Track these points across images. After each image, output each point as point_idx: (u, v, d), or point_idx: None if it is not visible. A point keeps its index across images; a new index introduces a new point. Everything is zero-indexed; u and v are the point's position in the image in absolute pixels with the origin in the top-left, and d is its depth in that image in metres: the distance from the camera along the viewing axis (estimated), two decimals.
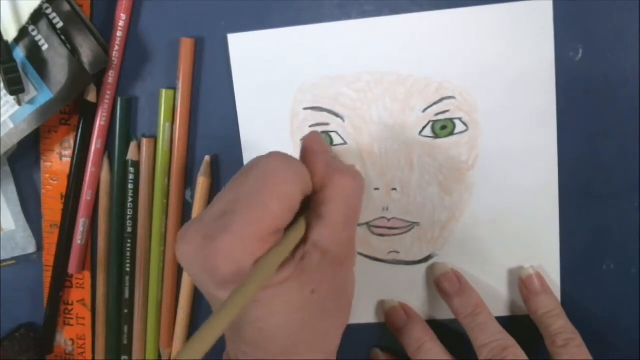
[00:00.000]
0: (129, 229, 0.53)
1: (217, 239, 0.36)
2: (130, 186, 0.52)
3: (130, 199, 0.52)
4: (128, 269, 0.53)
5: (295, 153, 0.48)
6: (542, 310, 0.48)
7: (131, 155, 0.52)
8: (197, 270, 0.37)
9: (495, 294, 0.50)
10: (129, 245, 0.53)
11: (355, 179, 0.39)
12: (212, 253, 0.36)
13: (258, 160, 0.39)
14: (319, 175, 0.39)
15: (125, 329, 0.54)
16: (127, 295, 0.53)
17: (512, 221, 0.49)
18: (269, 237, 0.36)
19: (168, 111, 0.51)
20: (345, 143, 0.49)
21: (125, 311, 0.54)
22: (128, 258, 0.53)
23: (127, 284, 0.53)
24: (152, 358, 0.53)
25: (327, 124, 0.49)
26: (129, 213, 0.52)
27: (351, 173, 0.39)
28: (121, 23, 0.50)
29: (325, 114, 0.49)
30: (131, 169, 0.52)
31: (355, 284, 0.51)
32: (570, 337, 0.46)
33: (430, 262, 0.51)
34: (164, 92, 0.51)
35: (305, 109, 0.49)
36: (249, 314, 0.37)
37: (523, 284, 0.49)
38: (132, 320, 0.54)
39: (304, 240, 0.38)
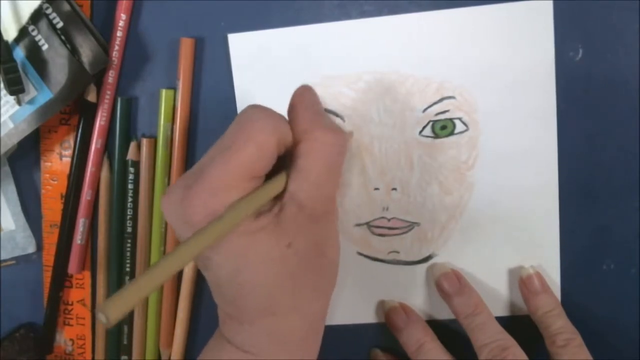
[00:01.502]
0: (129, 229, 0.53)
1: (192, 188, 0.36)
2: (130, 186, 0.52)
3: (130, 199, 0.52)
4: (128, 269, 0.53)
5: None
6: (542, 310, 0.48)
7: (131, 155, 0.52)
8: (175, 219, 0.38)
9: (495, 294, 0.50)
10: (129, 245, 0.53)
11: (336, 135, 0.39)
12: (187, 202, 0.36)
13: (239, 113, 0.40)
14: (300, 129, 0.39)
15: (125, 329, 0.54)
16: None
17: (512, 221, 0.49)
18: (243, 184, 0.37)
19: (168, 111, 0.51)
20: None
21: None
22: (128, 258, 0.53)
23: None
24: (152, 358, 0.53)
25: (329, 117, 0.49)
26: (129, 213, 0.52)
27: (333, 129, 0.39)
28: (121, 23, 0.50)
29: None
30: (131, 169, 0.52)
31: (356, 284, 0.51)
32: (570, 337, 0.46)
33: (430, 262, 0.51)
34: (164, 92, 0.51)
35: None
36: (225, 265, 0.38)
37: (523, 283, 0.49)
38: (132, 320, 0.54)
39: (283, 193, 0.39)
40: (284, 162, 0.40)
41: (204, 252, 0.37)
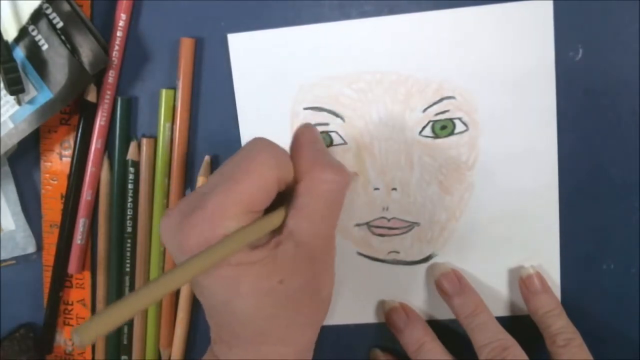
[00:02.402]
0: (129, 229, 0.53)
1: (190, 215, 0.36)
2: (130, 186, 0.52)
3: (130, 199, 0.52)
4: (128, 269, 0.53)
5: None
6: (542, 310, 0.48)
7: (131, 155, 0.52)
8: (170, 244, 0.38)
9: (495, 294, 0.50)
10: (129, 245, 0.53)
11: (337, 174, 0.39)
12: (184, 229, 0.36)
13: (244, 145, 0.40)
14: (302, 167, 0.39)
15: (125, 329, 0.54)
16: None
17: (512, 221, 0.49)
18: (241, 217, 0.37)
19: (168, 111, 0.51)
20: (345, 143, 0.49)
21: None
22: (128, 258, 0.53)
23: (127, 284, 0.53)
24: (152, 358, 0.53)
25: (327, 124, 0.49)
26: (129, 213, 0.52)
27: (334, 168, 0.39)
28: (121, 23, 0.50)
29: (325, 114, 0.49)
30: (131, 169, 0.52)
31: (356, 284, 0.51)
32: (570, 337, 0.46)
33: (430, 262, 0.51)
34: (164, 92, 0.51)
35: (306, 108, 0.49)
36: (218, 292, 0.38)
37: (523, 283, 0.49)
38: (132, 321, 0.54)
39: (281, 229, 0.39)
40: (284, 199, 0.40)
41: (196, 278, 0.37)
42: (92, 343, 0.28)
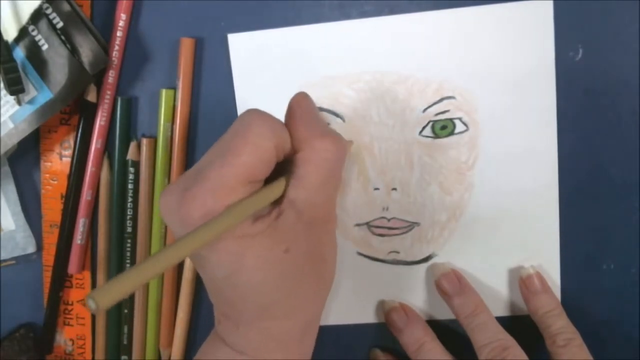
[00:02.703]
0: (129, 229, 0.53)
1: (191, 189, 0.37)
2: (130, 186, 0.52)
3: (130, 199, 0.52)
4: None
5: None
6: (542, 310, 0.48)
7: (131, 155, 0.52)
8: (172, 219, 0.38)
9: (495, 294, 0.50)
10: (129, 245, 0.53)
11: (335, 143, 0.39)
12: (186, 202, 0.36)
13: (238, 117, 0.40)
14: (299, 137, 0.40)
15: (125, 329, 0.54)
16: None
17: (512, 221, 0.49)
18: (241, 187, 0.37)
19: (168, 111, 0.51)
20: None
21: (125, 311, 0.54)
22: (128, 258, 0.53)
23: None
24: (152, 358, 0.53)
25: (327, 124, 0.49)
26: (129, 213, 0.52)
27: (333, 137, 0.40)
28: (121, 23, 0.50)
29: (325, 113, 0.49)
30: (131, 169, 0.52)
31: (356, 284, 0.51)
32: (570, 337, 0.46)
33: (430, 262, 0.51)
34: (164, 92, 0.51)
35: None
36: (222, 266, 0.38)
37: (523, 283, 0.49)
38: (132, 320, 0.54)
39: (282, 199, 0.39)
40: (283, 169, 0.40)
41: (200, 250, 0.37)
42: (107, 308, 0.28)
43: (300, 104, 0.42)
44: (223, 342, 0.41)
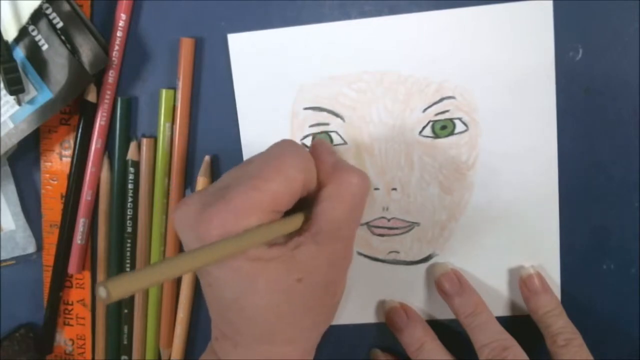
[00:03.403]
0: (129, 229, 0.53)
1: (213, 206, 0.36)
2: (130, 186, 0.52)
3: (130, 199, 0.52)
4: (128, 269, 0.53)
5: None
6: (542, 309, 0.48)
7: (131, 155, 0.52)
8: (189, 235, 0.38)
9: (495, 293, 0.50)
10: (129, 245, 0.53)
11: (361, 178, 0.40)
12: (206, 219, 0.36)
13: (271, 145, 0.40)
14: (325, 172, 0.40)
15: (126, 329, 0.54)
16: None
17: (512, 221, 0.49)
18: (264, 215, 0.37)
19: (168, 111, 0.51)
20: (345, 143, 0.49)
21: (126, 311, 0.54)
22: (128, 258, 0.53)
23: None
24: (152, 358, 0.53)
25: (327, 124, 0.49)
26: (129, 213, 0.52)
27: (358, 172, 0.40)
28: (121, 23, 0.50)
29: (325, 114, 0.49)
30: (131, 169, 0.52)
31: (356, 284, 0.51)
32: (571, 337, 0.46)
33: (430, 262, 0.51)
34: (164, 92, 0.51)
35: (306, 109, 0.49)
36: (232, 286, 0.38)
37: (523, 283, 0.49)
38: (132, 320, 0.54)
39: (301, 231, 0.39)
40: (302, 204, 0.40)
41: (212, 267, 0.37)
42: (115, 300, 0.29)
43: (322, 144, 0.42)
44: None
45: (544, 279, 0.49)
